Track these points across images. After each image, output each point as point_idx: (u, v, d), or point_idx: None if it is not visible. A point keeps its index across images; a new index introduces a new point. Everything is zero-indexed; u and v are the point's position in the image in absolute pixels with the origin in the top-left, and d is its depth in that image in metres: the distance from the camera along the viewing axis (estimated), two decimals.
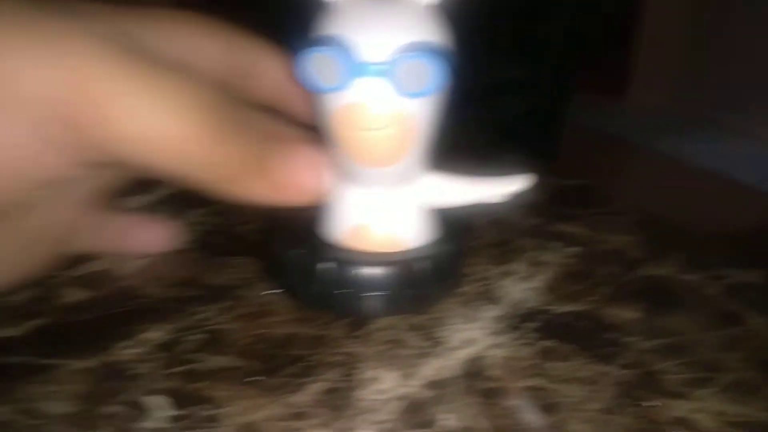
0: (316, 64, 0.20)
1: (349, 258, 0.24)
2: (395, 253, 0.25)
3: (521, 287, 0.29)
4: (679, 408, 0.23)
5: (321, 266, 0.24)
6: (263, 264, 0.29)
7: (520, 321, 0.27)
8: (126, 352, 0.23)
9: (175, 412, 0.21)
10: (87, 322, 0.25)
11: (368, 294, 0.24)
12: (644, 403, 0.23)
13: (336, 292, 0.24)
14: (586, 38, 1.40)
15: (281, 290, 0.27)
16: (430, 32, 0.22)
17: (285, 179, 0.22)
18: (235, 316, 0.26)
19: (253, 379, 0.23)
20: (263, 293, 0.27)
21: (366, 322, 0.25)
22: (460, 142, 0.25)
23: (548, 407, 0.22)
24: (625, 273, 0.32)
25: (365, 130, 0.22)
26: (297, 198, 0.23)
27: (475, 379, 0.23)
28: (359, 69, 0.21)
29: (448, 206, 0.25)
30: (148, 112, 0.17)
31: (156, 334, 0.25)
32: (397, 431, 0.21)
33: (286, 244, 0.26)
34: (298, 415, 0.21)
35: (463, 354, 0.25)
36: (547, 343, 0.26)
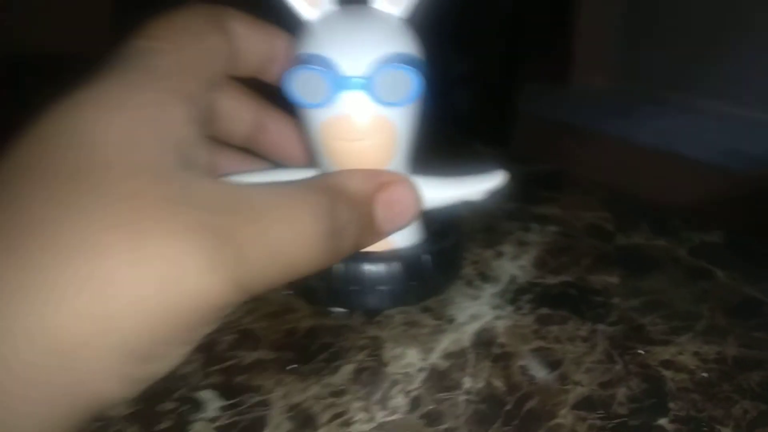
0: (302, 82, 0.22)
1: (355, 258, 0.24)
2: (397, 250, 0.26)
3: (513, 265, 0.32)
4: (664, 353, 0.26)
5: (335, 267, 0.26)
6: None
7: (516, 294, 0.30)
8: None
9: (226, 402, 0.23)
10: None
11: (378, 288, 0.26)
12: (634, 351, 0.26)
13: (350, 288, 0.27)
14: (529, 27, 1.44)
15: (297, 292, 0.29)
16: (405, 43, 0.24)
17: (391, 226, 0.23)
18: (261, 315, 0.28)
19: (291, 367, 0.25)
20: (284, 293, 0.29)
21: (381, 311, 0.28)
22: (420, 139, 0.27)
23: (552, 363, 0.25)
24: (601, 244, 0.35)
25: (350, 140, 0.23)
26: (405, 225, 0.24)
27: (486, 347, 0.26)
28: (342, 83, 0.22)
29: (432, 207, 0.26)
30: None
31: None
32: (427, 397, 0.23)
33: None
34: (338, 393, 0.24)
35: (472, 328, 0.27)
36: (543, 311, 0.29)
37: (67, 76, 0.18)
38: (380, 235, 0.23)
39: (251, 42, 0.23)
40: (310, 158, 0.25)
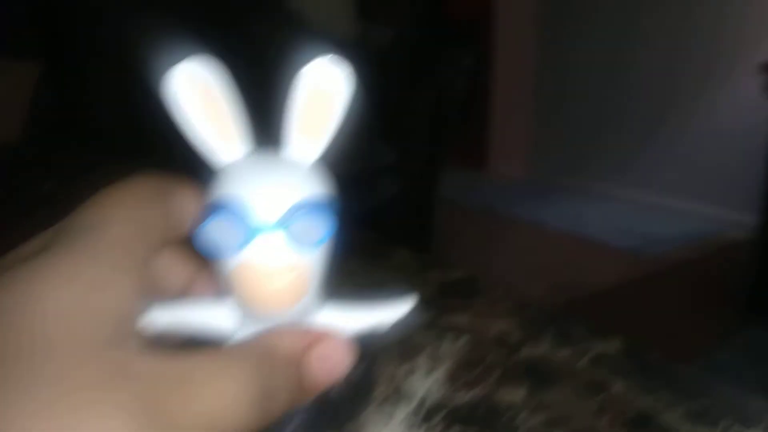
0: (213, 233, 0.22)
1: None
2: None
3: (426, 381, 0.34)
4: None
5: None
6: None
7: (429, 415, 0.31)
8: None
9: None
10: None
11: (290, 422, 0.26)
12: None
13: None
14: (448, 122, 1.51)
15: None
16: (317, 186, 0.24)
17: (323, 383, 0.24)
18: None
19: None
20: None
21: None
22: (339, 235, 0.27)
23: None
24: (508, 356, 0.37)
25: (263, 284, 0.23)
26: (333, 380, 0.25)
27: None
28: (254, 231, 0.22)
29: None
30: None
31: None
32: None
33: None
34: None
35: None
36: (455, 430, 0.30)
37: None
38: (312, 393, 0.23)
39: (192, 210, 0.24)
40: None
